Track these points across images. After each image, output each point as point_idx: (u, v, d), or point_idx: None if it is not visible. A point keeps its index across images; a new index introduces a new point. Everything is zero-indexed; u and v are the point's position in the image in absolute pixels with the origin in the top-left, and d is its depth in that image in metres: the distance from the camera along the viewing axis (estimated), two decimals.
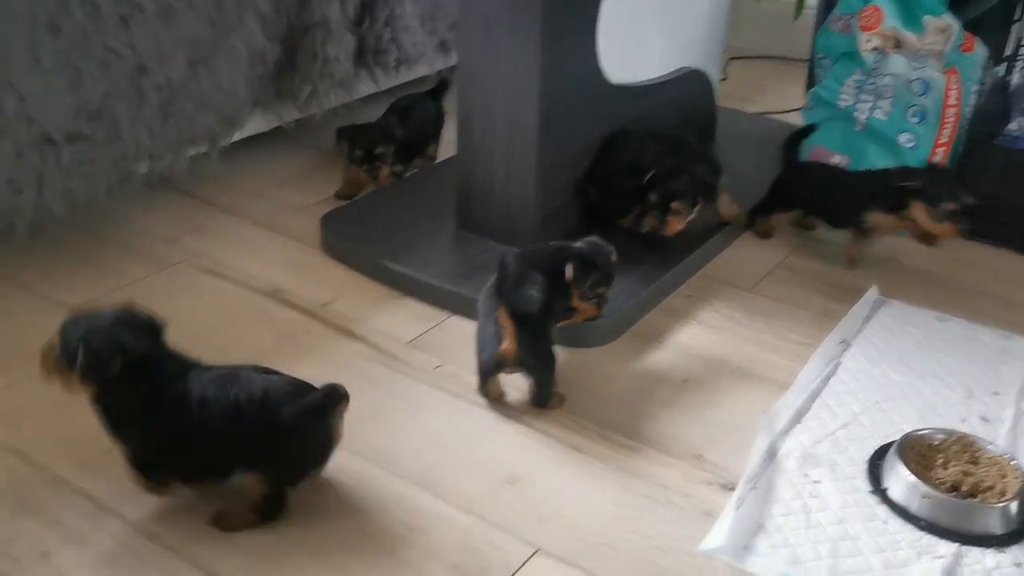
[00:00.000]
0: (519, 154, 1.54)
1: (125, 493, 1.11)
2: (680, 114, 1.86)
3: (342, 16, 1.78)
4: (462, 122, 1.59)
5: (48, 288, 1.50)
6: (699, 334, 1.48)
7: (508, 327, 1.24)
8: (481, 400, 1.31)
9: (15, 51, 1.32)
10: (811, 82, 2.11)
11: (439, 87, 1.96)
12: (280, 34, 1.72)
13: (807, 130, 1.87)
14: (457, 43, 1.55)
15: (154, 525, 1.07)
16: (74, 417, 1.22)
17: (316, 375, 1.32)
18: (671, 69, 1.88)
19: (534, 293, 1.24)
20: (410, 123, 1.89)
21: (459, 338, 1.45)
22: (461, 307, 1.50)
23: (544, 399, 1.29)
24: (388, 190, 1.82)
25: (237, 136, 1.77)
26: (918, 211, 1.57)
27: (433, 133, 1.95)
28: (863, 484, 1.17)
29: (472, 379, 1.34)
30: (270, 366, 1.14)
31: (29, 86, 1.34)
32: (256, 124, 1.82)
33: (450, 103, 1.79)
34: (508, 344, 1.24)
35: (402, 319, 1.49)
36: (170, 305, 1.47)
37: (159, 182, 1.67)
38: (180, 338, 1.39)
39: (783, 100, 2.32)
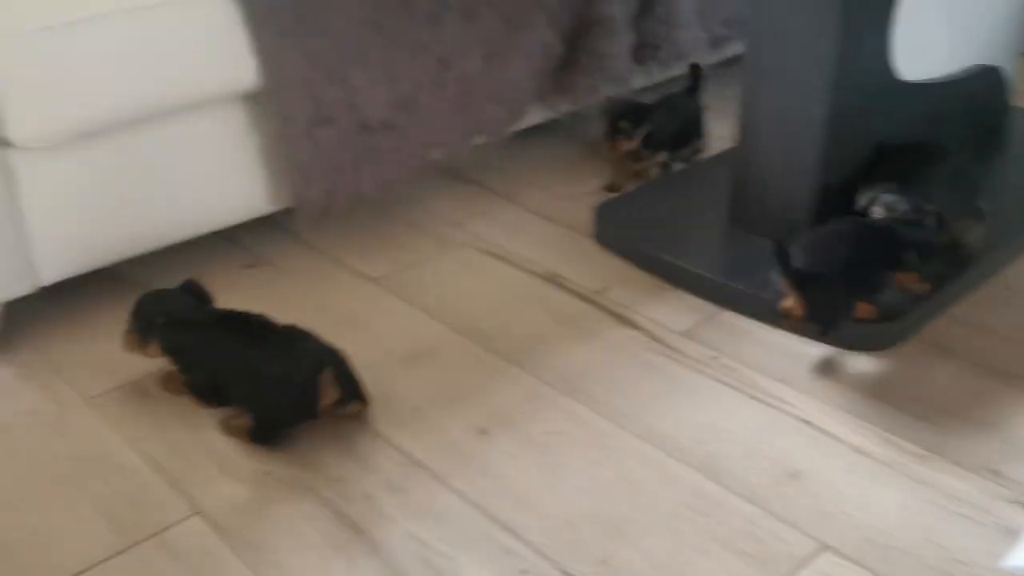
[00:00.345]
0: (801, 151, 1.53)
1: (430, 449, 1.22)
2: (969, 116, 1.77)
3: (623, 13, 1.84)
4: (744, 116, 1.60)
5: (356, 263, 1.66)
6: (993, 345, 1.41)
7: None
8: (760, 394, 1.32)
9: (346, 47, 1.46)
10: None
11: (695, 82, 1.97)
12: (564, 30, 1.79)
13: None
14: (746, 35, 1.55)
15: (457, 481, 1.17)
16: (386, 379, 1.36)
17: (595, 359, 1.40)
18: (962, 64, 1.79)
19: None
20: (677, 117, 1.91)
21: (733, 332, 1.46)
22: (734, 302, 1.51)
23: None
24: (659, 183, 1.86)
25: (518, 127, 1.86)
26: None
27: (696, 129, 1.97)
28: None
29: (750, 373, 1.36)
30: (548, 346, 1.21)
31: (355, 78, 1.49)
32: (533, 116, 1.91)
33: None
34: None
35: (675, 310, 1.53)
36: (458, 283, 1.61)
37: (448, 169, 1.80)
38: (470, 314, 1.50)
39: None
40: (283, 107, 1.45)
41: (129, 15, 1.28)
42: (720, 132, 2.12)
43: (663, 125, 1.85)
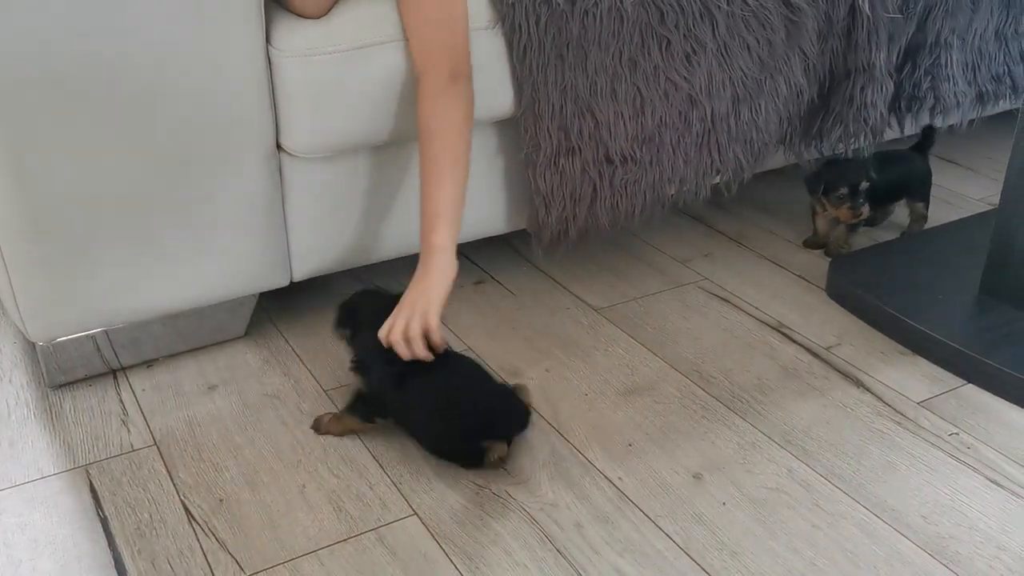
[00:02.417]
0: None
1: (641, 487, 1.21)
2: None
3: (886, 62, 1.76)
4: (1012, 176, 1.49)
5: (581, 291, 1.69)
6: None
7: None
8: (1004, 480, 1.22)
9: (600, 82, 1.49)
10: None
11: (924, 141, 1.85)
12: (820, 76, 1.74)
13: None
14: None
15: (666, 523, 1.16)
16: (601, 410, 1.37)
17: (820, 418, 1.35)
18: None
19: None
20: (888, 172, 1.80)
21: (977, 409, 1.37)
22: (980, 376, 1.41)
23: None
24: (903, 243, 1.77)
25: (758, 170, 1.83)
26: None
27: (920, 190, 1.85)
28: None
29: (994, 455, 1.27)
30: (771, 398, 1.18)
31: (604, 113, 1.52)
32: (776, 160, 1.87)
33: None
34: None
35: (912, 377, 1.44)
36: (681, 321, 1.59)
37: (681, 206, 1.79)
38: (691, 354, 1.49)
39: None
40: (534, 135, 1.50)
41: (400, 44, 1.36)
42: (974, 194, 1.99)
43: (883, 180, 1.75)
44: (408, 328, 1.21)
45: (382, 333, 1.22)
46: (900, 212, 1.88)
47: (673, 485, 1.22)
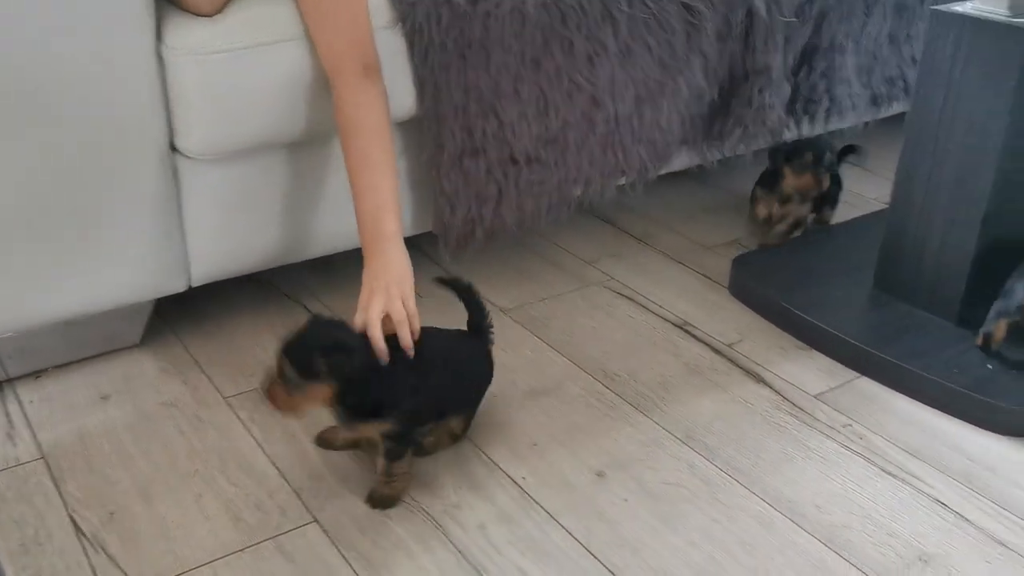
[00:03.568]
0: (962, 221, 1.46)
1: (544, 486, 1.21)
2: None
3: (783, 65, 1.81)
4: (902, 176, 1.54)
5: (488, 292, 1.67)
6: None
7: None
8: (894, 469, 1.26)
9: (503, 82, 1.49)
10: None
11: (845, 151, 1.91)
12: (719, 78, 1.78)
13: None
14: (914, 95, 1.50)
15: (568, 520, 1.16)
16: (506, 410, 1.36)
17: (721, 413, 1.37)
18: None
19: None
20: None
21: (869, 400, 1.41)
22: (872, 369, 1.45)
23: None
24: (801, 241, 1.81)
25: (662, 171, 1.85)
26: None
27: (831, 196, 1.89)
28: None
29: (884, 445, 1.31)
30: (674, 395, 1.21)
31: (508, 114, 1.52)
32: (680, 161, 1.90)
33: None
34: None
35: (809, 371, 1.48)
36: (587, 321, 1.60)
37: (587, 206, 1.80)
38: (596, 353, 1.50)
39: None
40: (437, 136, 1.49)
41: (299, 43, 1.34)
42: (869, 193, 2.06)
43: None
44: (395, 312, 1.18)
45: (359, 320, 1.17)
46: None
47: (576, 483, 1.23)
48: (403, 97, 1.45)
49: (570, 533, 1.15)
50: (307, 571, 1.09)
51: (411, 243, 1.75)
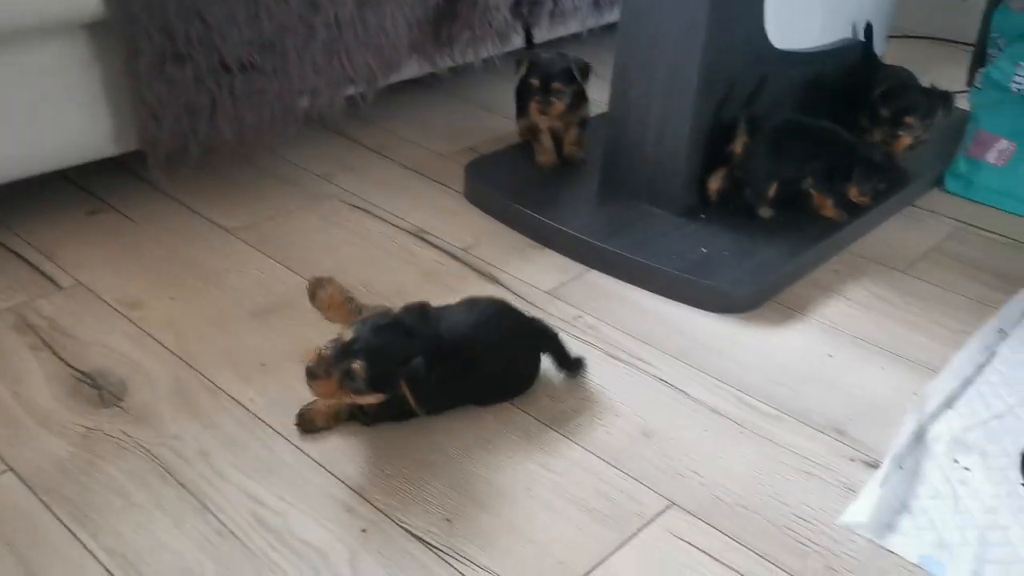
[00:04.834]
0: (675, 113, 1.52)
1: (274, 406, 1.16)
2: (841, 87, 1.80)
3: None
4: (618, 78, 1.57)
5: (212, 212, 1.57)
6: (846, 310, 1.43)
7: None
8: (620, 353, 1.31)
9: None
10: (979, 64, 2.00)
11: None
12: None
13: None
14: None
15: (300, 439, 1.12)
16: (233, 332, 1.29)
17: None
18: (832, 40, 1.82)
19: None
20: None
21: (598, 292, 1.45)
22: (601, 262, 1.49)
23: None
24: (529, 144, 1.82)
25: (393, 79, 1.80)
26: None
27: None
28: (1016, 476, 1.12)
29: (612, 332, 1.35)
30: (405, 299, 1.18)
31: (214, 15, 1.40)
32: (411, 69, 1.85)
33: None
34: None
35: (542, 269, 1.50)
36: (320, 236, 1.54)
37: (316, 119, 1.72)
38: (330, 267, 1.44)
39: (945, 82, 2.21)
40: (132, 40, 1.35)
41: None
42: (597, 96, 2.10)
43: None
44: None
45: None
46: None
47: (308, 399, 1.18)
48: None
49: (300, 449, 1.10)
50: (6, 527, 0.97)
51: (121, 163, 1.62)
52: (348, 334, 1.05)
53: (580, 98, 1.70)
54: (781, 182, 1.57)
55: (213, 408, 1.15)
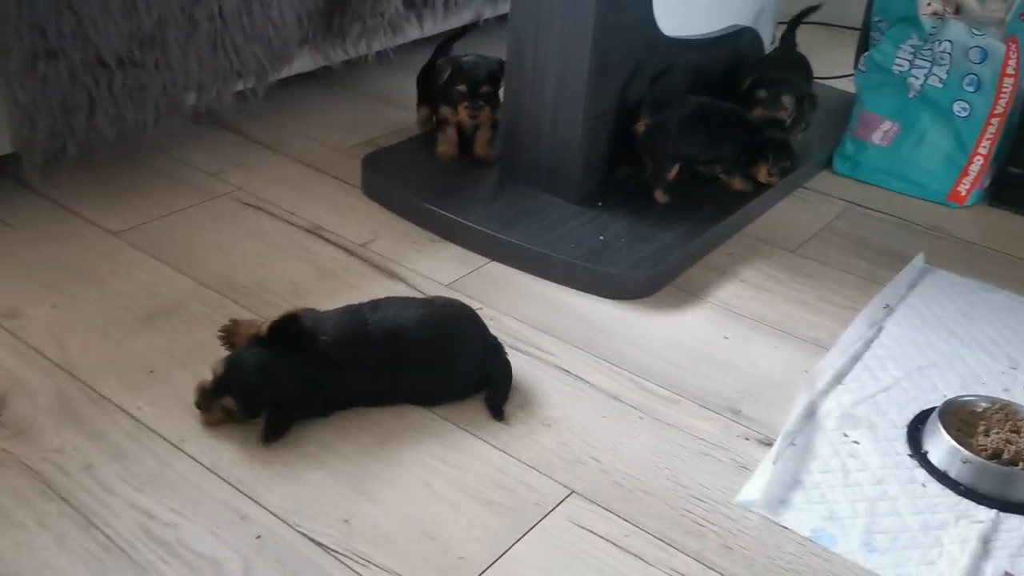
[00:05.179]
0: (569, 101, 1.52)
1: (165, 414, 1.12)
2: (731, 72, 1.83)
3: None
4: (512, 67, 1.57)
5: (95, 214, 1.51)
6: (741, 292, 1.46)
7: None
8: (521, 344, 1.31)
9: None
10: (864, 47, 2.06)
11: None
12: None
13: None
14: None
15: (192, 446, 1.08)
16: (120, 339, 1.24)
17: None
18: (721, 27, 1.85)
19: None
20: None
21: (499, 283, 1.44)
22: (501, 253, 1.49)
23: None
24: (428, 136, 1.80)
25: (285, 74, 1.76)
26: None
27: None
28: (903, 447, 1.16)
29: (513, 323, 1.35)
30: (306, 300, 1.17)
31: (87, 8, 1.34)
32: (304, 63, 1.81)
33: None
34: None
35: (442, 262, 1.49)
36: (211, 236, 1.50)
37: (205, 115, 1.67)
38: (223, 268, 1.41)
39: (833, 66, 2.27)
40: (0, 37, 1.29)
41: None
42: None
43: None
44: None
45: None
46: None
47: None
48: None
49: (193, 458, 1.07)
50: None
51: None
52: (219, 368, 1.09)
53: (495, 99, 1.68)
54: (683, 164, 1.59)
55: (99, 419, 1.11)
